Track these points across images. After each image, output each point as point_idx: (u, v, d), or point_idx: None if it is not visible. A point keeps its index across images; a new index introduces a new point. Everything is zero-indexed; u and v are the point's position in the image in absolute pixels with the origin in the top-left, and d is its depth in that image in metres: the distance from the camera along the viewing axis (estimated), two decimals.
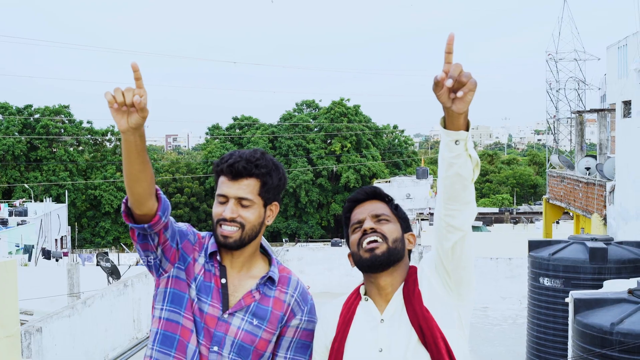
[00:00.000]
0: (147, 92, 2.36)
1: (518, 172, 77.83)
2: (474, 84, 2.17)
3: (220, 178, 2.76)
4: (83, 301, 11.30)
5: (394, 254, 2.62)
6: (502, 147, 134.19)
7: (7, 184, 61.63)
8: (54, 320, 10.14)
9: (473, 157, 2.33)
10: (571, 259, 8.92)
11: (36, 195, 59.12)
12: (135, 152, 2.45)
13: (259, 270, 2.80)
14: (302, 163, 67.40)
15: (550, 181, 24.68)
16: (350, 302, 2.71)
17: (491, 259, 15.61)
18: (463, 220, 2.44)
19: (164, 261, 2.72)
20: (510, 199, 69.40)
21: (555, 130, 35.41)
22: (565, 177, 21.94)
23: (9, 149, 62.10)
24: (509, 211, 44.95)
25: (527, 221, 39.26)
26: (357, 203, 2.79)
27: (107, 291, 12.18)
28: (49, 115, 64.97)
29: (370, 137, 71.87)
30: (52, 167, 64.27)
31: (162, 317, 2.73)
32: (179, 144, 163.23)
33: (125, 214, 2.61)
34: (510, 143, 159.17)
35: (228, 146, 68.27)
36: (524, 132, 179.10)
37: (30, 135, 63.90)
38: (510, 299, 15.27)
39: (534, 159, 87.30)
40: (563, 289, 8.82)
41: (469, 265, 2.53)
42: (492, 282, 15.41)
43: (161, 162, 74.54)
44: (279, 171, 2.82)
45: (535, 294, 9.41)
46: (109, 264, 17.38)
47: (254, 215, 2.72)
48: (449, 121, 2.27)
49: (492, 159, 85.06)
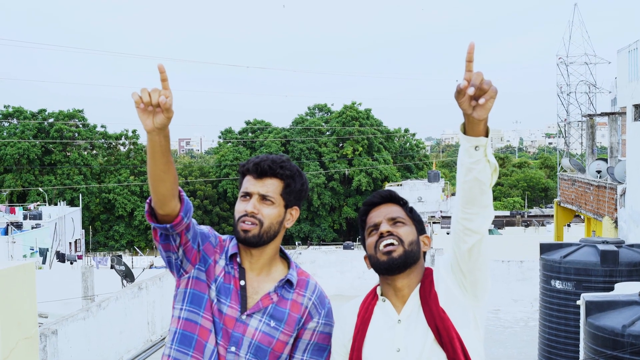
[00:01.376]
0: (172, 93, 2.42)
1: (529, 176, 77.65)
2: (494, 92, 2.23)
3: (246, 177, 2.85)
4: (98, 304, 11.38)
5: (411, 257, 2.67)
6: (513, 151, 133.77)
7: (22, 188, 61.89)
8: (69, 322, 10.21)
9: (492, 163, 2.38)
10: (582, 261, 8.94)
11: (50, 198, 59.30)
12: (160, 152, 2.51)
13: (278, 273, 2.86)
14: (314, 166, 67.39)
15: (562, 184, 24.65)
16: (368, 303, 2.76)
17: (503, 262, 15.60)
18: (480, 223, 2.49)
19: (184, 262, 2.77)
20: (522, 202, 69.24)
21: (566, 133, 35.33)
22: (577, 180, 21.92)
23: (24, 153, 62.42)
24: (520, 214, 44.85)
25: (539, 224, 39.18)
26: (372, 206, 2.84)
27: (121, 294, 12.27)
28: (63, 119, 65.22)
29: (382, 140, 71.83)
30: (67, 171, 64.54)
31: (182, 317, 2.77)
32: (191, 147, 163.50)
33: (148, 213, 2.67)
34: (521, 146, 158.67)
35: (241, 150, 68.38)
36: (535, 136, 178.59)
37: (45, 140, 64.15)
38: (522, 301, 15.27)
39: (545, 162, 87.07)
40: (574, 291, 8.84)
41: (484, 267, 2.59)
42: (504, 284, 15.40)
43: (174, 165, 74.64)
44: (302, 178, 2.91)
45: (546, 296, 9.42)
46: (123, 267, 17.47)
47: (274, 213, 2.80)
48: (469, 127, 2.33)
49: (504, 162, 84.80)
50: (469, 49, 2.22)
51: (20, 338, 4.44)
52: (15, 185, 61.73)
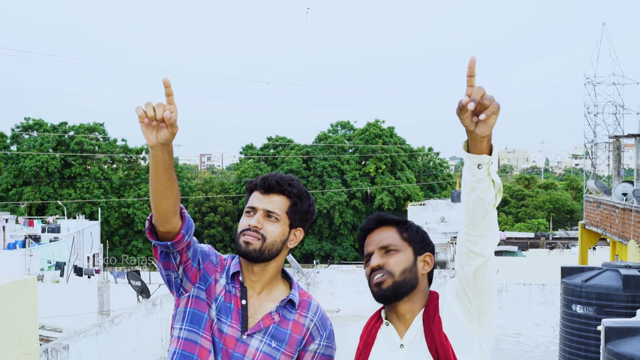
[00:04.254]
0: (177, 108, 2.37)
1: (555, 197, 77.02)
2: (496, 107, 2.16)
3: (253, 193, 2.81)
4: (111, 319, 11.31)
5: (402, 287, 2.63)
6: (539, 171, 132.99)
7: (41, 201, 62.25)
8: (81, 338, 10.13)
9: (496, 182, 2.32)
10: (604, 286, 8.73)
11: (69, 212, 59.62)
12: (163, 168, 2.47)
13: (279, 293, 2.82)
14: (336, 184, 67.30)
15: (587, 207, 24.41)
16: (371, 326, 2.73)
17: (524, 285, 15.38)
18: (484, 246, 2.42)
19: (184, 280, 2.73)
20: (547, 224, 68.64)
21: (593, 155, 35.01)
22: (602, 202, 21.67)
23: (43, 166, 62.73)
24: (545, 236, 44.50)
25: (564, 247, 38.85)
26: (367, 232, 2.79)
27: (135, 310, 12.18)
28: (84, 132, 65.61)
29: (405, 159, 71.67)
30: (86, 185, 64.73)
31: (181, 336, 2.73)
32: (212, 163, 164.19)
33: (149, 230, 2.65)
34: (547, 167, 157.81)
35: (262, 166, 68.40)
36: (561, 156, 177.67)
37: (65, 153, 64.57)
38: (543, 325, 15.01)
39: (571, 184, 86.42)
40: (596, 316, 8.62)
41: (490, 292, 2.51)
42: (525, 308, 15.18)
43: (195, 180, 74.96)
44: (310, 199, 2.85)
45: (567, 321, 9.22)
46: (139, 282, 17.41)
47: (278, 231, 2.75)
48: (472, 145, 2.28)
49: (529, 183, 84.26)
50: (470, 63, 2.18)
51: (19, 354, 4.34)
52: (34, 198, 62.09)
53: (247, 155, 73.11)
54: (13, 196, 62.24)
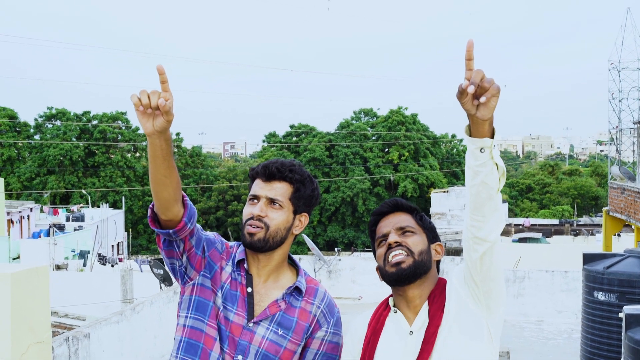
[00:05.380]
0: (173, 95, 2.35)
1: (579, 184, 76.43)
2: (496, 89, 2.16)
3: (255, 181, 2.80)
4: (132, 307, 11.35)
5: (420, 267, 2.62)
6: (563, 158, 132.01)
7: (65, 190, 62.68)
8: (102, 326, 10.17)
9: (499, 166, 2.32)
10: (626, 272, 8.62)
11: (93, 201, 60.00)
12: (161, 156, 2.45)
13: (286, 280, 2.80)
14: (359, 172, 67.21)
15: (611, 193, 24.19)
16: (379, 314, 2.74)
17: (547, 272, 15.27)
18: (488, 231, 2.41)
19: (189, 268, 2.72)
20: (571, 211, 68.19)
21: (618, 141, 34.69)
22: (626, 189, 21.45)
23: (67, 154, 63.08)
24: (570, 223, 44.29)
25: (588, 233, 38.61)
26: (381, 216, 2.80)
27: (156, 298, 12.21)
28: (107, 121, 65.85)
29: (428, 146, 71.35)
30: (110, 173, 65.02)
31: (187, 324, 2.73)
32: (236, 151, 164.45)
33: (151, 219, 2.65)
34: (572, 153, 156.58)
35: (285, 154, 68.36)
36: (586, 143, 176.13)
37: (88, 141, 64.90)
38: (566, 312, 14.90)
39: (596, 170, 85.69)
40: (618, 303, 8.52)
41: (498, 277, 2.51)
42: (548, 295, 15.08)
43: (218, 169, 75.16)
44: (313, 184, 2.83)
45: (589, 308, 9.13)
46: (162, 270, 17.48)
47: (282, 218, 2.74)
48: (474, 128, 2.28)
49: (553, 169, 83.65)
50: (468, 47, 2.17)
51: (31, 342, 4.34)
52: (58, 187, 62.51)
53: (270, 143, 73.15)
54: (37, 185, 62.69)
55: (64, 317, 17.74)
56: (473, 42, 2.17)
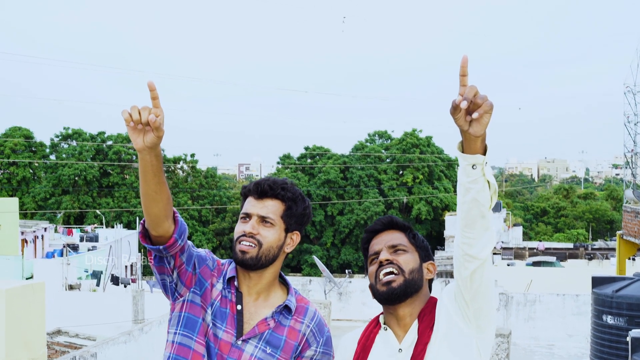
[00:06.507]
0: (163, 111, 2.35)
1: (594, 207, 76.07)
2: (489, 106, 2.16)
3: (247, 199, 2.78)
4: (140, 328, 11.34)
5: (411, 286, 2.62)
6: (579, 181, 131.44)
7: (79, 210, 62.89)
8: (110, 345, 10.16)
9: (491, 183, 2.32)
10: (635, 296, 8.56)
11: (107, 221, 60.18)
12: (152, 172, 2.45)
13: (276, 298, 2.80)
14: (373, 194, 67.09)
15: (625, 217, 24.03)
16: (369, 331, 2.73)
17: (557, 295, 15.18)
18: (480, 248, 2.40)
19: (179, 285, 2.72)
20: (586, 235, 67.82)
21: (633, 164, 34.54)
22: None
23: (82, 174, 63.40)
24: (584, 247, 44.05)
25: (603, 257, 38.36)
26: (374, 234, 2.81)
27: (165, 318, 12.20)
28: (122, 142, 66.25)
29: (443, 168, 71.24)
30: (124, 194, 65.32)
31: (175, 341, 2.72)
32: (251, 172, 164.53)
33: (141, 234, 2.63)
34: (587, 177, 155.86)
35: (299, 176, 68.45)
36: (601, 166, 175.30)
37: (103, 162, 65.21)
38: (577, 336, 14.77)
39: (611, 194, 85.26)
40: (626, 327, 8.45)
41: (488, 296, 2.49)
42: (559, 318, 14.97)
43: (233, 190, 75.26)
44: (305, 202, 2.84)
45: (598, 332, 9.06)
46: None
47: (274, 236, 2.72)
48: (466, 145, 2.28)
49: (568, 193, 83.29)
50: (462, 63, 2.17)
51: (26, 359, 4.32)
52: (72, 207, 62.76)
53: (284, 164, 73.17)
54: (52, 205, 62.99)
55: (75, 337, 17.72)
56: (467, 58, 2.17)
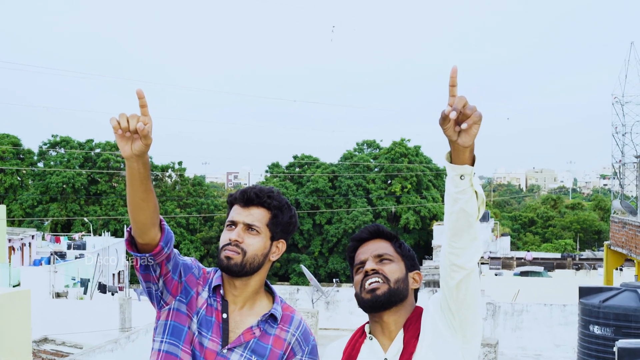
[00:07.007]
0: (152, 119, 2.35)
1: (582, 218, 76.26)
2: (478, 117, 2.17)
3: (233, 207, 2.79)
4: (127, 336, 11.30)
5: (396, 295, 2.62)
6: (567, 192, 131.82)
7: (67, 217, 62.60)
8: (97, 353, 10.11)
9: (479, 194, 2.34)
10: (622, 306, 8.57)
11: (95, 229, 59.93)
12: (139, 179, 2.45)
13: (262, 307, 2.80)
14: (361, 203, 67.08)
15: (612, 227, 24.14)
16: (355, 340, 2.73)
17: (545, 305, 15.19)
18: (467, 259, 2.42)
19: (165, 293, 2.73)
20: (574, 245, 67.95)
21: (621, 175, 34.65)
22: (627, 223, 21.40)
23: (70, 182, 63.08)
24: (572, 257, 44.09)
25: (590, 267, 38.42)
26: (360, 242, 2.81)
27: (151, 326, 12.13)
28: (110, 149, 66.03)
29: (431, 178, 71.33)
30: (112, 202, 65.07)
31: (162, 349, 2.72)
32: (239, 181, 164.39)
33: (128, 242, 2.64)
34: (575, 187, 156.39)
35: (287, 184, 68.40)
36: (589, 176, 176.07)
37: (91, 169, 64.96)
38: (564, 346, 14.80)
39: (599, 204, 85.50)
40: (613, 337, 8.45)
41: (474, 306, 2.51)
42: (546, 328, 14.99)
43: (221, 199, 75.14)
44: (291, 211, 2.84)
45: (585, 342, 9.07)
46: None
47: (259, 244, 2.73)
48: (455, 155, 2.29)
49: (556, 203, 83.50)
50: (452, 73, 2.18)
51: None
52: (60, 215, 62.44)
53: (273, 173, 73.10)
54: (39, 212, 62.66)
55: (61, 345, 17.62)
56: (457, 68, 2.18)
